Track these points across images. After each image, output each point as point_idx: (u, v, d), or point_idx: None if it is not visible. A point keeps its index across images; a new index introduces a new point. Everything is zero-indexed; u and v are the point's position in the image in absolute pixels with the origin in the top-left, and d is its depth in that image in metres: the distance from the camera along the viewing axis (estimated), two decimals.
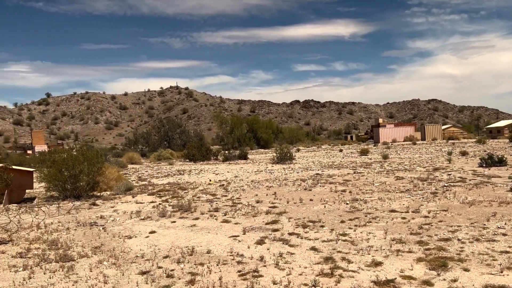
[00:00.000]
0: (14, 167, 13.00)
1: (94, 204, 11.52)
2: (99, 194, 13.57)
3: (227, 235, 7.23)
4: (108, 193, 13.88)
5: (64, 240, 7.12)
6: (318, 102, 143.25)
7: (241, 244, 6.59)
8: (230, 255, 5.99)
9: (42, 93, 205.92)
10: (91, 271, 5.39)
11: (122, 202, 11.77)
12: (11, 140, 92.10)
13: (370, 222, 7.75)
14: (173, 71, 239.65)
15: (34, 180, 13.83)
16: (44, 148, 59.58)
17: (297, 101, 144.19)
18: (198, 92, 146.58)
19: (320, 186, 12.92)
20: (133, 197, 12.65)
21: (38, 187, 15.10)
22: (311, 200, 10.35)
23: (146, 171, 22.74)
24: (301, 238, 6.78)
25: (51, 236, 7.50)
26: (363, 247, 6.11)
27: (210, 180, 15.95)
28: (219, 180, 15.99)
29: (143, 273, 5.35)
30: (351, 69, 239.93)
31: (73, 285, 4.90)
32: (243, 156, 30.23)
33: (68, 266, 5.49)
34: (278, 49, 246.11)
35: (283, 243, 6.49)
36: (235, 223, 8.17)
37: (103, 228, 8.25)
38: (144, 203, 11.45)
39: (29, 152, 61.16)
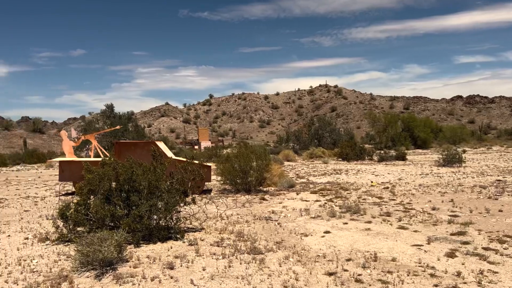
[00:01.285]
0: (196, 162, 14.61)
1: (263, 199, 12.20)
2: (265, 189, 14.33)
3: (409, 243, 6.82)
4: (273, 188, 14.56)
5: (248, 232, 7.65)
6: (485, 97, 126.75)
7: (428, 255, 6.13)
8: (420, 266, 5.61)
9: (205, 94, 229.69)
10: (281, 266, 5.64)
11: (288, 199, 12.20)
12: (181, 136, 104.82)
13: None
14: (322, 70, 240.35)
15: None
16: (208, 144, 65.99)
17: (459, 97, 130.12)
18: (347, 89, 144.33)
19: (508, 195, 11.30)
20: (297, 194, 13.01)
21: (211, 180, 16.71)
22: (500, 211, 9.11)
23: (302, 169, 23.24)
24: (501, 255, 5.98)
25: (235, 227, 8.15)
26: None
27: (372, 182, 15.42)
28: (382, 182, 15.35)
29: (329, 274, 5.38)
30: None
31: (268, 278, 5.20)
32: (401, 157, 28.55)
33: (259, 259, 5.85)
34: (436, 40, 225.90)
35: (479, 259, 5.81)
36: (413, 231, 7.67)
37: (278, 224, 8.64)
38: (309, 201, 11.65)
39: (196, 147, 68.63)
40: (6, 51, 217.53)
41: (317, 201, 11.62)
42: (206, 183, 14.54)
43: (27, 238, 7.31)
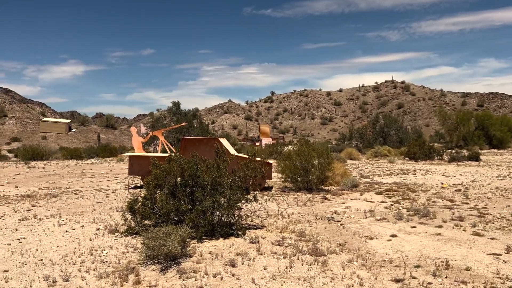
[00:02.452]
0: (258, 159, 14.65)
1: (325, 198, 11.95)
2: (326, 188, 14.04)
3: (485, 251, 6.29)
4: (335, 188, 14.22)
5: (309, 232, 7.49)
6: None
7: (508, 265, 5.61)
8: (498, 278, 5.14)
9: (267, 92, 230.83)
10: (344, 270, 5.44)
11: (351, 199, 11.84)
12: (243, 133, 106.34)
13: None
14: (388, 65, 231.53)
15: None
16: (269, 141, 66.24)
17: None
18: (415, 85, 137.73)
19: None
20: (361, 194, 12.59)
21: (272, 177, 16.67)
22: None
23: (367, 168, 22.53)
24: None
25: (296, 226, 8.03)
26: None
27: (443, 183, 14.53)
28: (453, 184, 14.41)
29: (396, 280, 5.10)
30: None
31: (331, 281, 5.03)
32: (474, 157, 26.67)
33: (322, 261, 5.69)
34: None
35: None
36: (490, 238, 7.07)
37: (341, 224, 8.39)
38: (374, 202, 11.22)
39: (257, 144, 69.21)
40: (83, 52, 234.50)
41: (382, 202, 11.16)
42: (267, 180, 14.54)
43: (98, 229, 7.73)
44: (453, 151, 30.69)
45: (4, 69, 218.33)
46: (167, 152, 15.00)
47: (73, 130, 65.07)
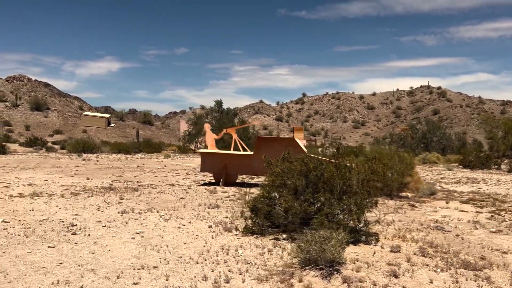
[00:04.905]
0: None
1: (413, 205, 11.42)
2: (402, 194, 13.48)
3: None
4: (410, 195, 13.63)
5: (438, 243, 7.01)
6: None
7: None
8: None
9: (298, 93, 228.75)
10: None
11: (440, 207, 11.26)
12: (273, 134, 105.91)
13: None
14: (424, 70, 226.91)
15: None
16: (304, 142, 65.59)
17: None
18: (452, 91, 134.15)
19: None
20: (446, 203, 11.98)
21: None
22: None
23: (427, 175, 21.79)
24: None
25: (411, 235, 7.56)
26: None
27: None
28: None
29: None
30: None
31: None
32: None
33: (484, 277, 5.23)
34: None
35: None
36: None
37: (456, 235, 7.88)
38: (468, 212, 10.62)
39: None
40: (119, 49, 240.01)
41: (477, 212, 10.54)
42: None
43: (210, 226, 7.48)
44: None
45: (44, 64, 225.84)
46: (240, 150, 14.76)
47: (112, 125, 66.26)
